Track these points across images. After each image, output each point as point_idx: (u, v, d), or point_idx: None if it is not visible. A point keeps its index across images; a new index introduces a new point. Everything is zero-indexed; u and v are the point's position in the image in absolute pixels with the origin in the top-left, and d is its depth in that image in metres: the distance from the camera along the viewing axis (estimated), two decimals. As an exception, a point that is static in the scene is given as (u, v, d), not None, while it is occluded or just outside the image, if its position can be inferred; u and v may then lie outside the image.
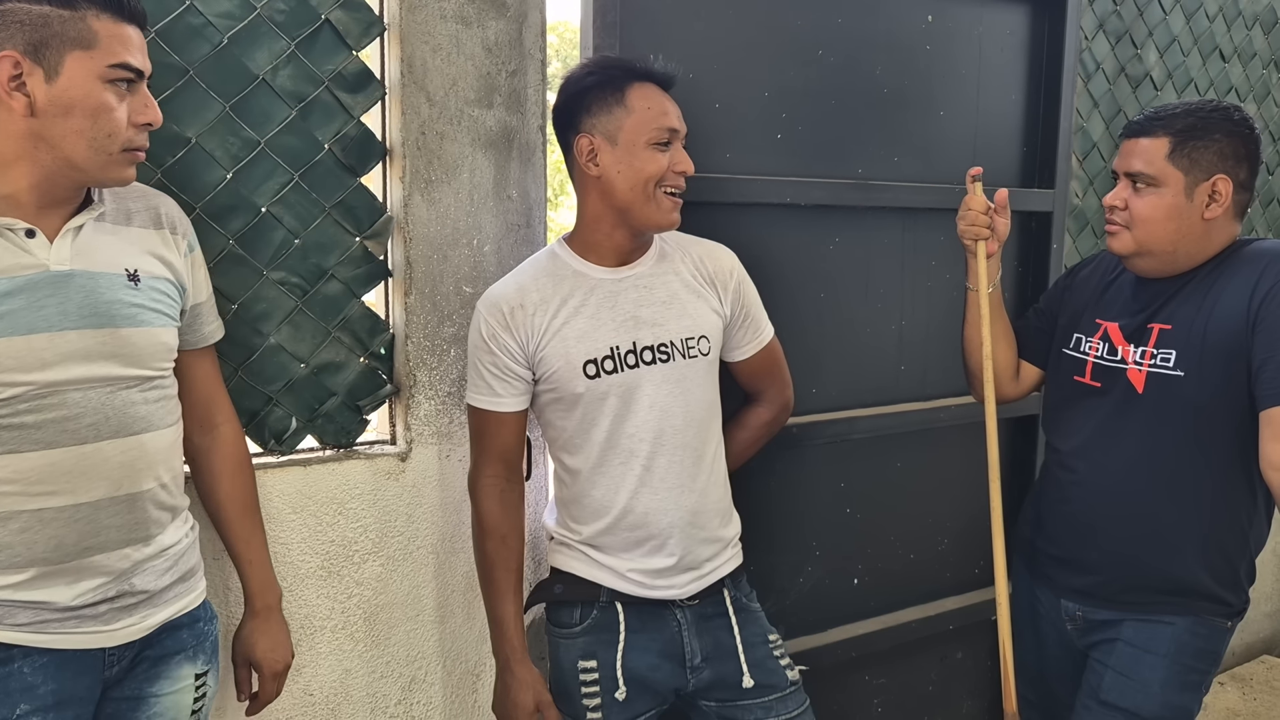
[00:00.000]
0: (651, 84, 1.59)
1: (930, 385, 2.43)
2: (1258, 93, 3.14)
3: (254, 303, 1.63)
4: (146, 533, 1.32)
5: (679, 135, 1.59)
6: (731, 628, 1.70)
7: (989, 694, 2.66)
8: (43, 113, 1.17)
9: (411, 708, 1.85)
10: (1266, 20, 3.11)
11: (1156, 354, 1.67)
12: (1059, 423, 1.84)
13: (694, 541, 1.66)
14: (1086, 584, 1.78)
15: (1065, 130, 2.46)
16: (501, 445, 1.64)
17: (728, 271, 1.73)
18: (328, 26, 1.63)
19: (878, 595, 2.42)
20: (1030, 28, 2.45)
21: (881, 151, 2.27)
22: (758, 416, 1.86)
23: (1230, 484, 1.68)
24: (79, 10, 1.17)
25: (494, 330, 1.60)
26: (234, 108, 1.57)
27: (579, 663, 1.64)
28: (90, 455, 1.25)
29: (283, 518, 1.67)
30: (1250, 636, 3.54)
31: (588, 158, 1.59)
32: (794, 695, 1.72)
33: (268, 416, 1.68)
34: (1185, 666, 1.70)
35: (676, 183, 1.59)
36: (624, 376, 1.60)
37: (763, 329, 1.80)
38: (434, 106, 1.73)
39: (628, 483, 1.62)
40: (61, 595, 1.25)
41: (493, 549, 1.64)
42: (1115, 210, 1.70)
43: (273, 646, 1.54)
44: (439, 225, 1.76)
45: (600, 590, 1.65)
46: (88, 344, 1.24)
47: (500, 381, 1.61)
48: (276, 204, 1.63)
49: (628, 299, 1.63)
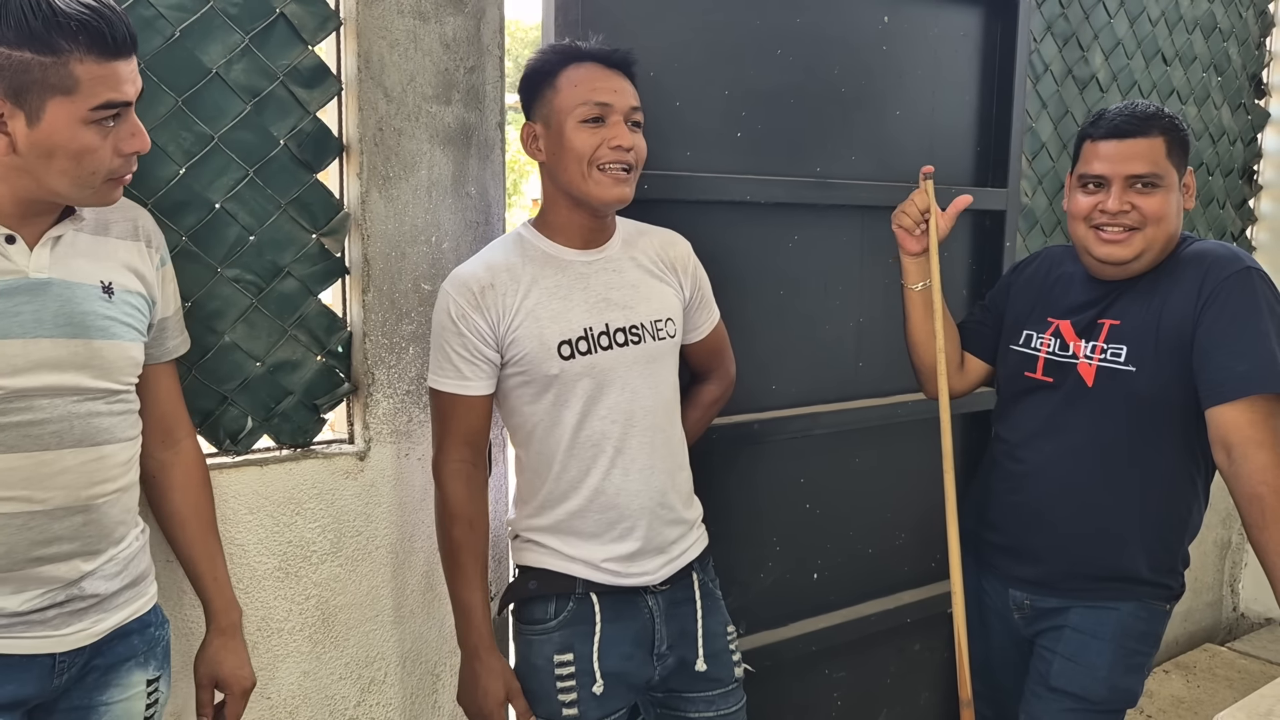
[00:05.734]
0: (591, 63, 1.58)
1: (889, 381, 2.45)
2: (1198, 95, 3.23)
3: (208, 300, 1.60)
4: (98, 546, 1.30)
5: (614, 110, 1.56)
6: (696, 614, 1.70)
7: (946, 685, 2.70)
8: (25, 153, 1.16)
9: (371, 709, 1.83)
10: (1206, 25, 3.20)
11: (1107, 349, 1.71)
12: (1008, 416, 1.88)
13: (661, 523, 1.66)
14: (1034, 573, 1.82)
15: (1017, 130, 2.51)
16: (469, 429, 1.61)
17: (685, 257, 1.76)
18: (282, 20, 1.61)
19: (837, 589, 2.44)
20: (983, 30, 2.48)
21: (839, 150, 2.29)
22: (709, 393, 1.88)
23: (1173, 475, 1.73)
24: (61, 55, 1.13)
25: (463, 310, 1.56)
26: (186, 102, 1.54)
27: (555, 657, 1.61)
28: (50, 463, 1.23)
29: (239, 518, 1.65)
30: (1193, 626, 3.64)
31: (531, 144, 1.61)
32: (735, 692, 1.73)
33: (223, 416, 1.65)
34: (1129, 650, 1.75)
35: (616, 158, 1.55)
36: (597, 358, 1.59)
37: (713, 310, 1.84)
38: (391, 102, 1.71)
39: (599, 465, 1.61)
40: (8, 602, 1.23)
41: (460, 534, 1.60)
42: (1120, 215, 1.66)
43: (239, 665, 1.51)
44: (397, 222, 1.74)
45: (575, 582, 1.63)
46: (60, 353, 1.22)
47: (468, 364, 1.57)
48: (231, 200, 1.60)
49: (599, 281, 1.62)
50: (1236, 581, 3.80)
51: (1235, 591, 3.81)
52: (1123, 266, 1.70)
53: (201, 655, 1.50)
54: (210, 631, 1.50)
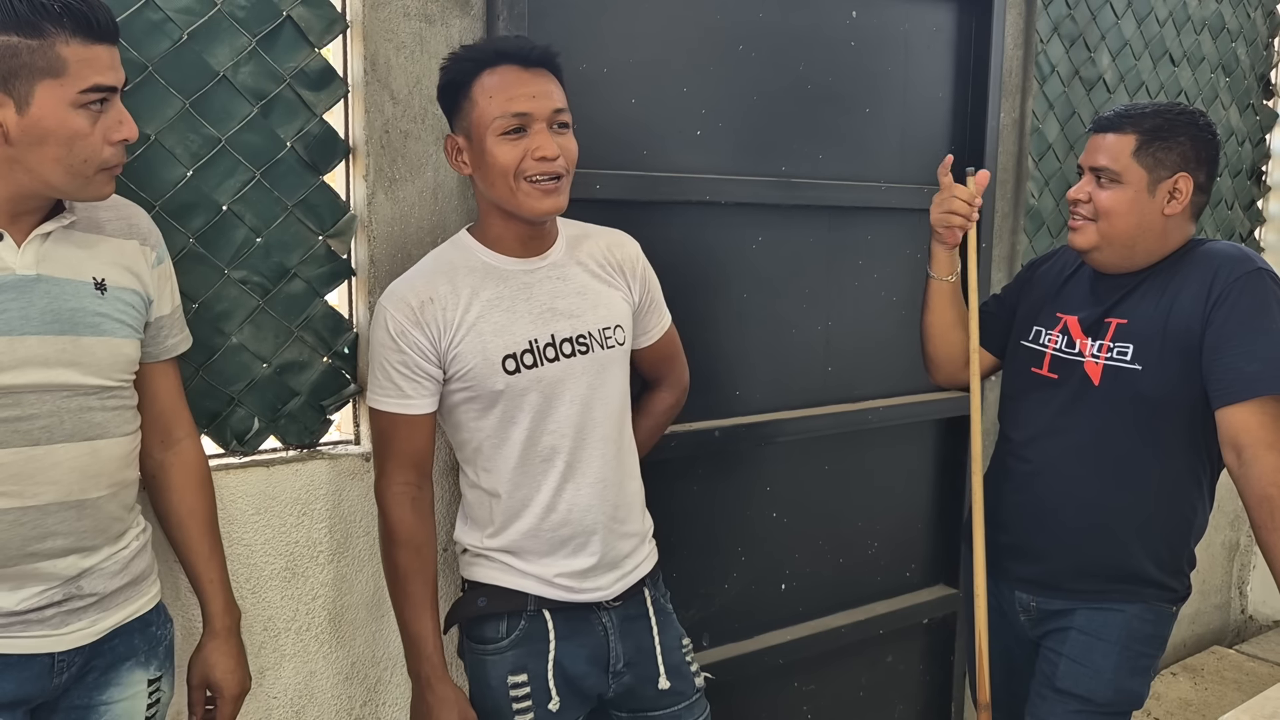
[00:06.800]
0: (506, 65, 1.47)
1: (859, 386, 2.40)
2: (1206, 96, 3.22)
3: (215, 302, 1.61)
4: (94, 542, 1.30)
5: (534, 118, 1.46)
6: (651, 630, 1.66)
7: (921, 698, 2.65)
8: (16, 142, 1.16)
9: (377, 709, 1.83)
10: (1214, 25, 3.18)
11: (1113, 348, 1.71)
12: (1014, 413, 1.88)
13: (615, 537, 1.61)
14: (1038, 573, 1.82)
15: (993, 129, 2.45)
16: (412, 450, 1.55)
17: (634, 259, 1.69)
18: (289, 23, 1.62)
19: (806, 600, 2.38)
20: (957, 26, 2.43)
21: (806, 149, 2.23)
22: (662, 401, 1.82)
23: (1179, 475, 1.73)
24: (47, 38, 1.14)
25: (402, 327, 1.49)
26: (194, 105, 1.55)
27: (509, 678, 1.56)
28: (41, 458, 1.23)
29: (245, 519, 1.66)
30: (1201, 628, 3.63)
31: (455, 157, 1.54)
32: (698, 703, 1.70)
33: (230, 417, 1.66)
34: (1136, 652, 1.75)
35: (541, 168, 1.46)
36: (544, 370, 1.53)
37: (664, 314, 1.77)
38: (397, 104, 1.72)
39: (550, 481, 1.56)
40: (5, 600, 1.23)
41: (406, 560, 1.54)
42: (1079, 204, 1.73)
43: (233, 668, 1.49)
44: (403, 224, 1.75)
45: (527, 599, 1.57)
46: (47, 350, 1.22)
47: (409, 382, 1.51)
48: (238, 202, 1.61)
49: (543, 290, 1.56)
50: (1245, 584, 3.78)
51: (1244, 594, 3.80)
52: (1089, 256, 1.75)
53: (196, 656, 1.49)
54: (206, 633, 1.49)
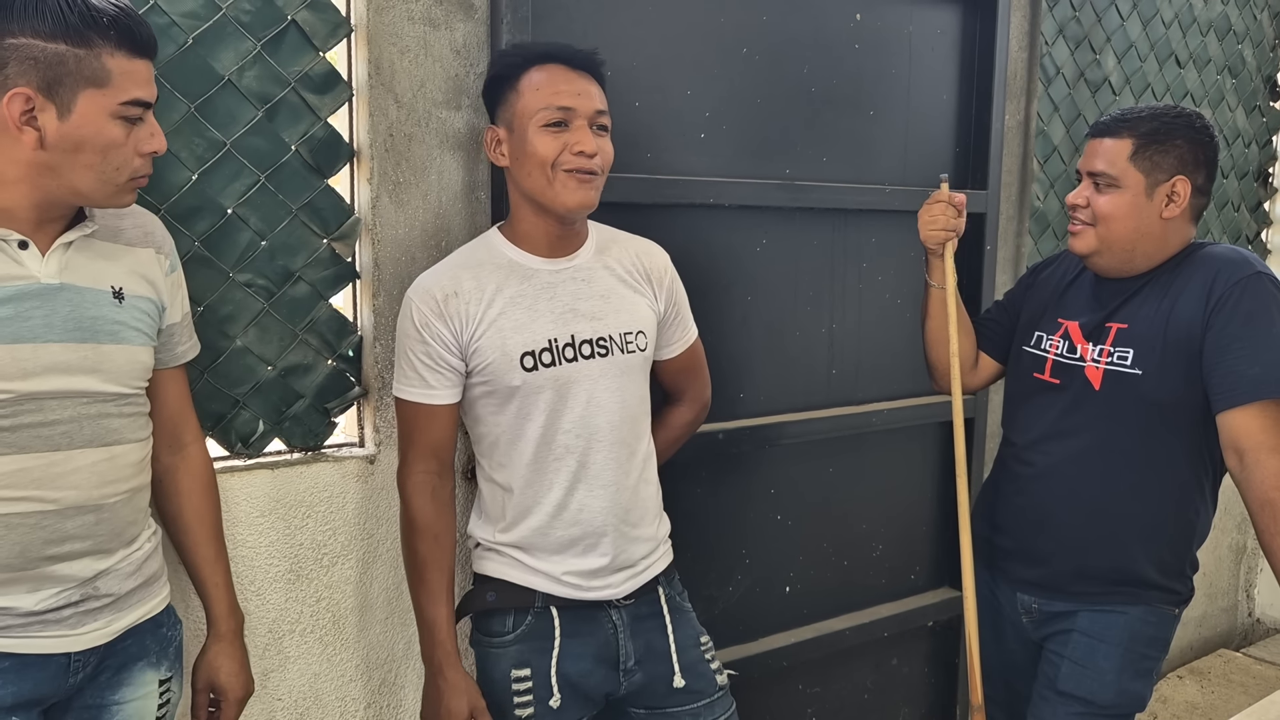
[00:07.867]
0: (554, 64, 1.54)
1: (862, 389, 2.40)
2: (1212, 98, 3.21)
3: (220, 305, 1.62)
4: (110, 544, 1.32)
5: (577, 114, 1.52)
6: (665, 629, 1.67)
7: (925, 701, 2.65)
8: (53, 147, 1.18)
9: (382, 711, 1.84)
10: (1220, 27, 3.18)
11: (1114, 352, 1.71)
12: (1016, 418, 1.88)
13: (626, 540, 1.62)
14: (1039, 575, 1.82)
15: (997, 131, 2.45)
16: (434, 439, 1.58)
17: (662, 269, 1.72)
18: (294, 27, 1.63)
19: (810, 603, 2.38)
20: (962, 27, 2.42)
21: (810, 151, 2.23)
22: (680, 416, 1.83)
23: (1180, 479, 1.73)
24: (94, 48, 1.17)
25: (426, 318, 1.54)
26: (199, 108, 1.56)
27: (511, 672, 1.59)
28: (61, 463, 1.25)
29: (250, 521, 1.66)
30: (1208, 631, 3.61)
31: (494, 149, 1.58)
32: (721, 701, 1.70)
33: (235, 419, 1.66)
34: (1138, 654, 1.75)
35: (579, 164, 1.52)
36: (561, 370, 1.55)
37: (690, 327, 1.79)
38: (402, 108, 1.72)
39: (562, 480, 1.58)
40: (24, 601, 1.24)
41: (425, 549, 1.57)
42: (1078, 209, 1.73)
43: (237, 671, 1.51)
44: (407, 227, 1.76)
45: (534, 596, 1.60)
46: (70, 357, 1.24)
47: (433, 372, 1.55)
48: (243, 205, 1.62)
49: (566, 290, 1.59)
50: (1252, 587, 3.77)
51: (1251, 597, 3.78)
52: (1089, 261, 1.76)
53: (200, 659, 1.51)
54: (210, 636, 1.51)
